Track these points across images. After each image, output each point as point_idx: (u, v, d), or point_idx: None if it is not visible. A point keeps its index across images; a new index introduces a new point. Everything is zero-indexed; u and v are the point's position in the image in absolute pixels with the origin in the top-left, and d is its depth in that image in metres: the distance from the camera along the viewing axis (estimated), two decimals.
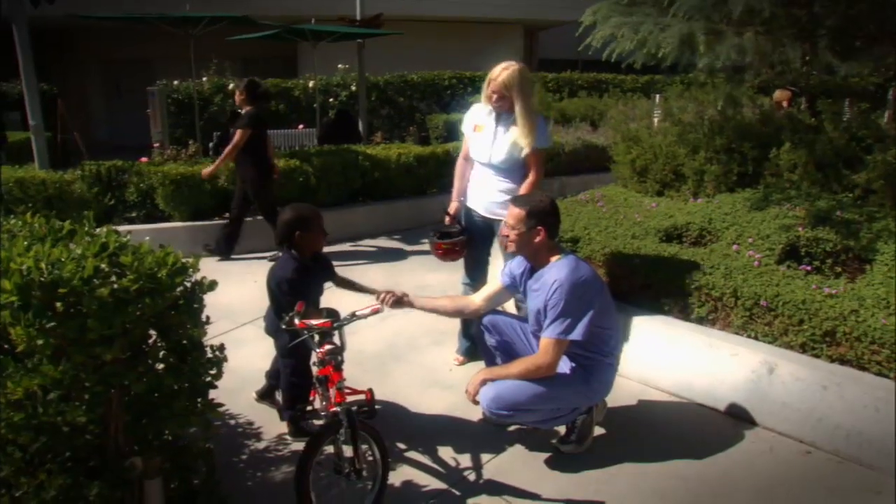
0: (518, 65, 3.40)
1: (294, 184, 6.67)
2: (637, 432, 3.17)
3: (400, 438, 3.11)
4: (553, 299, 2.69)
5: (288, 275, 2.83)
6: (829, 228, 3.70)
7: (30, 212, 2.42)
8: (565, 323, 2.68)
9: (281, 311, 2.74)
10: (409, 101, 13.50)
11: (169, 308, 1.98)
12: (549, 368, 2.73)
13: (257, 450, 3.05)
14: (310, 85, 12.38)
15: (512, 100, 3.37)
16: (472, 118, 3.65)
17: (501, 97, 3.39)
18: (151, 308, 1.90)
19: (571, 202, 5.24)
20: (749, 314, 3.29)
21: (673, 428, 3.21)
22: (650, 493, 2.72)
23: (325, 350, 2.48)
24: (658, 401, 3.47)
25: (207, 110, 12.38)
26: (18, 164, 6.98)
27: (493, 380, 2.80)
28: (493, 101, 3.43)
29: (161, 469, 2.12)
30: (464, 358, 3.93)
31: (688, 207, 4.62)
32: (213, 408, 2.25)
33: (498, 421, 2.80)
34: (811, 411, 2.95)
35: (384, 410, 3.38)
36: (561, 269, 2.75)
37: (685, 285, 3.54)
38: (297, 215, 2.89)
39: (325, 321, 2.51)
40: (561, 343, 2.71)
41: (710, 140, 5.05)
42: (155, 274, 1.91)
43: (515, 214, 2.84)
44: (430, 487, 2.77)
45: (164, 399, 2.06)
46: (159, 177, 6.28)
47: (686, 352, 3.42)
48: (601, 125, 10.24)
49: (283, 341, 2.88)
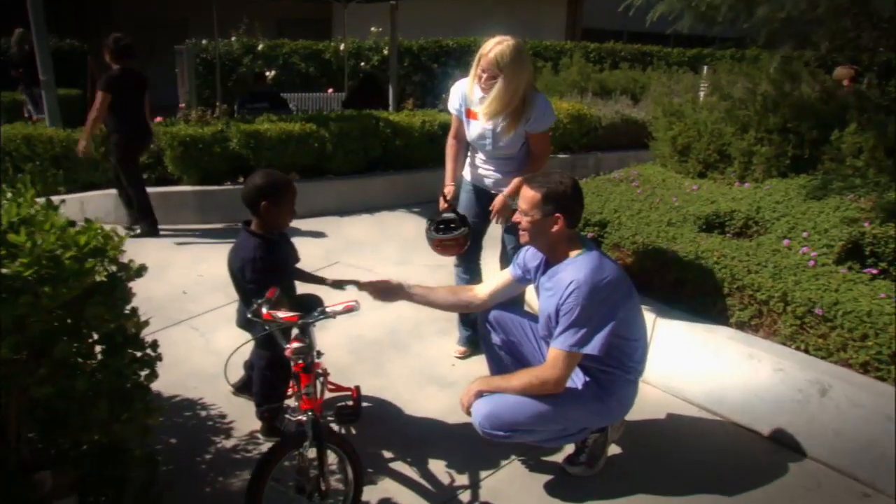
0: (513, 40, 2.92)
1: (309, 149, 6.29)
2: (658, 454, 2.73)
3: (385, 445, 2.74)
4: (568, 303, 2.24)
5: (251, 254, 2.44)
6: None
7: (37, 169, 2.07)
8: (580, 333, 2.24)
9: (250, 298, 2.36)
10: (443, 67, 12.97)
11: (81, 298, 1.62)
12: (556, 385, 2.29)
13: (224, 449, 2.71)
14: (340, 48, 11.97)
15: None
16: (462, 99, 3.16)
17: (493, 77, 2.89)
18: (53, 298, 1.53)
19: (603, 180, 4.76)
20: (800, 323, 2.81)
21: (701, 450, 2.77)
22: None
23: (293, 348, 2.10)
24: (686, 415, 3.02)
25: (236, 71, 12.07)
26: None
27: (491, 392, 2.39)
28: (483, 82, 2.94)
29: (78, 484, 1.79)
30: (465, 349, 3.53)
31: (733, 193, 4.11)
32: (152, 412, 1.91)
33: (493, 441, 2.40)
34: (871, 445, 2.47)
35: (372, 409, 3.01)
36: (580, 267, 2.29)
37: (725, 284, 3.06)
38: (269, 182, 2.48)
39: (292, 315, 2.12)
40: (573, 356, 2.27)
41: (763, 118, 4.49)
42: (58, 256, 1.54)
43: (530, 198, 2.37)
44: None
45: (78, 406, 1.70)
46: (168, 138, 5.95)
47: (722, 361, 2.96)
48: (642, 99, 9.63)
49: (258, 331, 2.52)
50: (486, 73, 2.91)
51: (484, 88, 2.97)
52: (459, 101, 3.18)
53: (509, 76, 2.87)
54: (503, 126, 3.02)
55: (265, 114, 6.81)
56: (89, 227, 1.67)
